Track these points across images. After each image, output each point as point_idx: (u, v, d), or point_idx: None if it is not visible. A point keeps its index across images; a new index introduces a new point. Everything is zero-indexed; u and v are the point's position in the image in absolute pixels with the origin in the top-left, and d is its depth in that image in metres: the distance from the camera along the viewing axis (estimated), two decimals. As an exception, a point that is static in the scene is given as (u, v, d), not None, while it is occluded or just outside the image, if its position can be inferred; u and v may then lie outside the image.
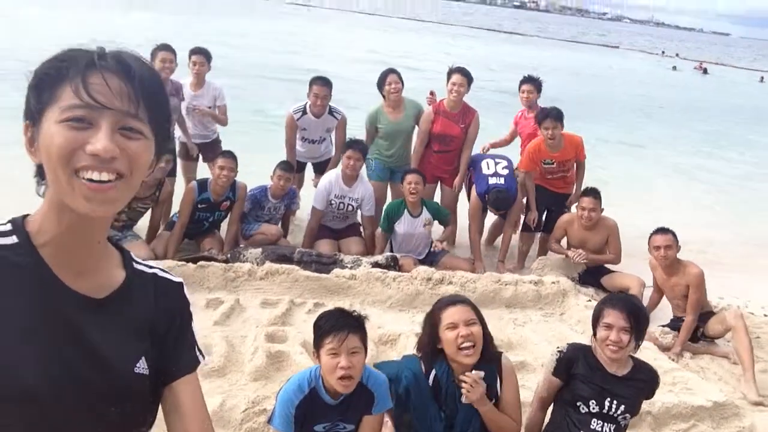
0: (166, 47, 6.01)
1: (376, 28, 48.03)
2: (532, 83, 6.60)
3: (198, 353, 1.35)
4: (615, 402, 2.87)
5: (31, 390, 1.05)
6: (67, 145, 1.03)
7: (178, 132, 6.50)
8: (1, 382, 1.03)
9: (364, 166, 6.17)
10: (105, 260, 1.22)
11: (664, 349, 4.63)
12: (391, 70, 6.25)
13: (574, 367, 2.95)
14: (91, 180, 1.04)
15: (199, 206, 5.58)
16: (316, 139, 6.45)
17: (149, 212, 5.68)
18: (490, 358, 2.88)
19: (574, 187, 6.37)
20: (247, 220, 5.94)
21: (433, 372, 2.86)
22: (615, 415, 2.87)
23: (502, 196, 5.98)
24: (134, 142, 1.08)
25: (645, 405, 3.53)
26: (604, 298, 3.13)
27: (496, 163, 6.21)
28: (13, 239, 1.11)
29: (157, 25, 26.33)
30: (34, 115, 1.08)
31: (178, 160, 6.54)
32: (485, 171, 6.15)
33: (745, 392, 4.20)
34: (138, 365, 1.21)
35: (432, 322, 2.86)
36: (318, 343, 2.62)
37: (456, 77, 6.13)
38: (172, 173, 6.17)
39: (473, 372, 2.78)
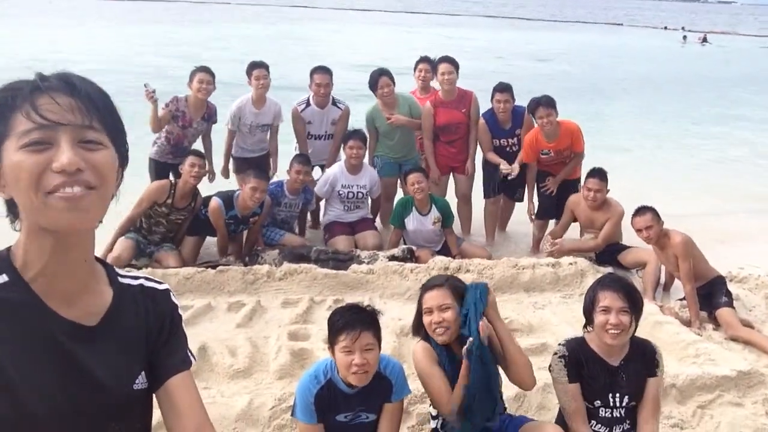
0: (204, 69, 5.98)
1: (376, 23, 47.93)
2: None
3: (190, 354, 1.38)
4: (618, 395, 2.82)
5: (33, 416, 1.11)
6: (34, 169, 1.05)
7: (238, 149, 6.50)
8: (7, 410, 1.09)
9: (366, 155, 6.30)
10: (93, 279, 1.25)
11: (686, 322, 4.62)
12: (382, 72, 6.28)
13: (583, 367, 2.84)
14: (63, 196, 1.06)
15: (227, 221, 5.57)
16: (321, 134, 6.47)
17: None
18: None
19: (580, 171, 6.34)
20: (265, 219, 5.94)
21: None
22: (621, 405, 2.83)
23: None
24: (96, 153, 1.11)
25: (669, 378, 3.56)
26: (594, 282, 2.98)
27: None
28: (3, 278, 1.14)
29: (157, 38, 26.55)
30: None
31: (233, 176, 6.58)
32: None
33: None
34: (137, 381, 1.27)
35: (418, 305, 2.95)
36: (332, 340, 2.67)
37: (443, 66, 6.16)
38: None
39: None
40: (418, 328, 2.96)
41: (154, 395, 1.33)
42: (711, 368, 3.79)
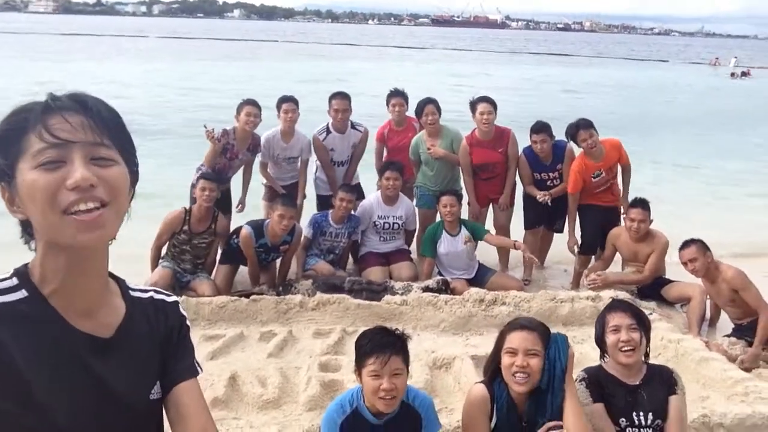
0: (252, 102, 6.14)
1: (429, 61, 48.51)
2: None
3: (196, 364, 1.40)
4: (642, 413, 2.85)
5: (60, 429, 1.13)
6: (49, 187, 1.07)
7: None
8: (35, 425, 1.11)
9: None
10: (107, 293, 1.27)
11: (733, 359, 4.40)
12: (429, 101, 6.27)
13: (603, 388, 2.92)
14: (79, 211, 1.08)
15: (257, 249, 5.62)
16: (344, 160, 6.51)
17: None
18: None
19: (621, 196, 6.22)
20: (311, 249, 5.96)
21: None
22: (647, 424, 2.85)
23: None
24: (109, 169, 1.13)
25: (716, 417, 3.40)
26: (603, 309, 3.14)
27: None
28: (22, 293, 1.16)
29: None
30: (5, 172, 1.12)
31: (262, 202, 6.68)
32: None
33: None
34: (153, 391, 1.29)
35: (498, 342, 2.78)
36: (359, 363, 2.60)
37: (482, 107, 6.10)
38: (227, 209, 6.27)
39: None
40: (489, 367, 2.81)
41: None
42: (762, 407, 3.57)
